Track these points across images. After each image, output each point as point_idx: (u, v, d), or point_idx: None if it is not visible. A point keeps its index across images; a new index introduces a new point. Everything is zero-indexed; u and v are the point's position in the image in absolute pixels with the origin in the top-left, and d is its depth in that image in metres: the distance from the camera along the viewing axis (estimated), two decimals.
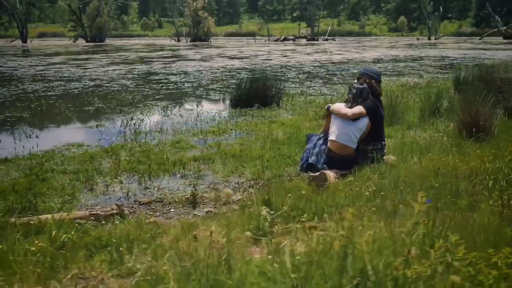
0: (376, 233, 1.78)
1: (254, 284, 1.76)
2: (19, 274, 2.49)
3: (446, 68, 19.51)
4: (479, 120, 5.29)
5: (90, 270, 2.60)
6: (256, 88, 9.98)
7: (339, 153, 4.44)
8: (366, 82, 4.70)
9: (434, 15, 69.88)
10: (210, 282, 1.79)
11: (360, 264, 1.57)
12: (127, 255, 2.76)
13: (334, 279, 1.57)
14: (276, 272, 1.75)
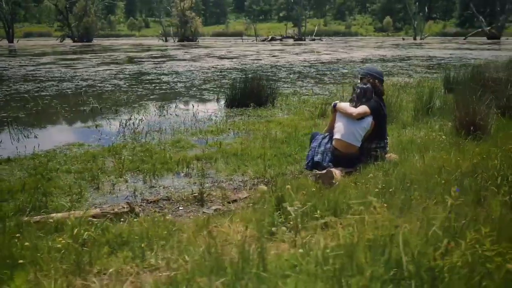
0: (406, 226, 1.88)
1: (287, 276, 1.86)
2: (46, 270, 2.57)
3: (434, 68, 19.79)
4: (476, 119, 5.45)
5: (115, 266, 2.67)
6: (251, 88, 10.09)
7: (344, 152, 4.57)
8: (370, 82, 4.83)
9: (419, 15, 70.62)
10: (246, 275, 1.88)
11: (396, 255, 1.68)
12: (148, 251, 2.85)
13: (369, 270, 1.67)
14: (308, 265, 1.85)
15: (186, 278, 1.98)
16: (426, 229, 1.90)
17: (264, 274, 1.83)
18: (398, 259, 1.68)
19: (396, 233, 1.78)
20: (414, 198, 2.98)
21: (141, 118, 8.73)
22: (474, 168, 3.69)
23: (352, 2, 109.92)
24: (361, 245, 1.82)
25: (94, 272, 2.60)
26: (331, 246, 1.96)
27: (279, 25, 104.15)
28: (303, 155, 5.94)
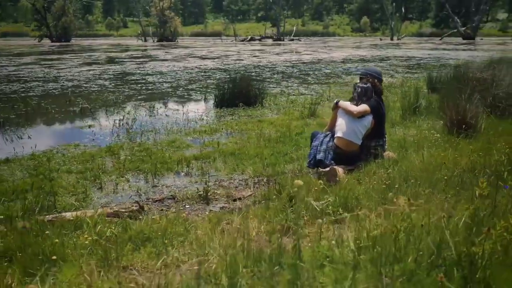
0: (433, 217, 2.04)
1: (323, 266, 1.99)
2: (77, 265, 2.66)
3: (414, 68, 20.20)
4: (467, 118, 5.68)
5: (140, 262, 2.78)
6: (240, 88, 10.22)
7: (345, 150, 4.73)
8: (369, 82, 5.00)
9: (396, 16, 71.60)
10: (283, 266, 2.01)
11: (428, 243, 1.83)
12: (169, 247, 2.96)
13: (411, 256, 1.82)
14: (343, 255, 1.99)
15: (224, 270, 2.10)
16: (457, 218, 2.05)
17: (301, 264, 1.96)
18: (432, 247, 1.83)
19: (426, 223, 1.93)
20: (421, 193, 3.15)
21: (133, 118, 8.78)
22: (472, 165, 3.89)
23: (329, 2, 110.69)
24: (392, 236, 1.96)
25: (121, 267, 2.70)
26: (362, 237, 2.10)
27: (257, 25, 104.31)
28: (300, 154, 6.12)
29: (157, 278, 2.34)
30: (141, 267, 2.75)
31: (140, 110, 9.91)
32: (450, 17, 65.77)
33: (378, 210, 2.51)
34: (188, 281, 2.03)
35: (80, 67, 20.84)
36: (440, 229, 1.99)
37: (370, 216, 2.41)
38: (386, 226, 2.08)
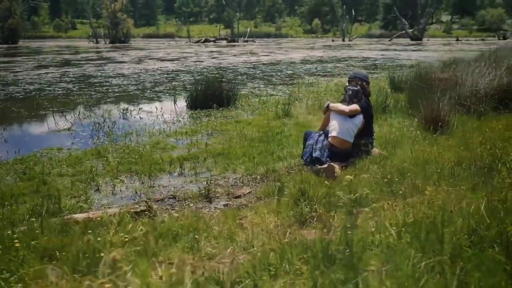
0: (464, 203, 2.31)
1: (370, 250, 2.22)
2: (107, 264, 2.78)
3: (372, 68, 20.89)
4: (441, 115, 6.09)
5: (176, 256, 2.93)
6: (213, 89, 10.37)
7: (340, 147, 5.02)
8: (359, 84, 5.31)
9: (346, 18, 73.36)
10: (332, 254, 2.22)
11: (464, 227, 2.09)
12: (202, 241, 3.13)
13: (447, 239, 2.07)
14: (385, 239, 2.23)
15: (279, 258, 2.30)
16: (485, 204, 2.32)
17: (349, 250, 2.18)
18: (469, 229, 2.09)
19: (458, 208, 2.19)
20: (419, 185, 3.44)
21: (110, 121, 8.78)
22: (458, 159, 4.24)
23: (281, 4, 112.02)
24: (427, 220, 2.21)
25: (159, 261, 2.84)
26: (396, 223, 2.34)
27: (210, 27, 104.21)
28: (286, 153, 6.35)
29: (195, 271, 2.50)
30: (178, 261, 2.89)
31: (113, 112, 9.88)
32: (398, 19, 68.05)
33: (407, 199, 2.77)
34: (247, 269, 2.21)
35: (37, 69, 20.34)
36: (467, 213, 2.27)
37: (394, 206, 2.65)
38: (416, 213, 2.33)
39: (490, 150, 4.40)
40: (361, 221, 2.58)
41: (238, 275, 2.24)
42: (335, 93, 11.88)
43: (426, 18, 65.06)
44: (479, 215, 2.20)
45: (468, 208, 2.28)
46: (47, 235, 3.11)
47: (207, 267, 2.69)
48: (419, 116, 6.54)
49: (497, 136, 5.27)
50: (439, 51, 34.52)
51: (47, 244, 2.96)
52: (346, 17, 73.49)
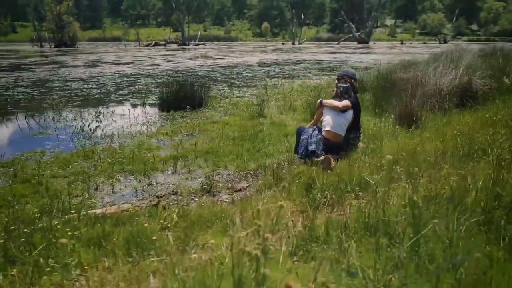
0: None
1: (401, 220, 2.54)
2: (158, 246, 2.98)
3: (327, 70, 21.54)
4: (414, 112, 6.56)
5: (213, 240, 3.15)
6: (185, 91, 10.53)
7: (333, 141, 5.35)
8: (348, 82, 5.67)
9: (295, 21, 74.72)
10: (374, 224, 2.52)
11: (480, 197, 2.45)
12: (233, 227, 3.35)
13: (473, 207, 2.42)
14: (413, 210, 2.55)
15: (324, 230, 2.57)
16: (495, 174, 2.68)
17: (386, 219, 2.49)
18: (494, 195, 2.44)
19: (473, 182, 2.54)
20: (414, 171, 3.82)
21: (85, 124, 8.76)
22: (444, 148, 4.67)
23: (230, 8, 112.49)
24: (449, 193, 2.55)
25: (199, 246, 3.05)
26: (422, 196, 2.67)
27: (158, 30, 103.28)
28: (272, 150, 6.64)
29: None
30: (216, 244, 3.11)
31: (86, 116, 9.83)
32: (346, 23, 69.93)
33: (425, 177, 3.11)
34: (298, 242, 2.47)
35: None
36: (480, 188, 2.63)
37: (408, 186, 2.97)
38: (437, 188, 2.67)
39: (466, 140, 4.86)
40: (384, 199, 2.89)
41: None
42: (301, 94, 12.28)
43: (372, 22, 67.23)
44: (494, 186, 2.57)
45: (483, 182, 2.64)
46: (83, 227, 3.25)
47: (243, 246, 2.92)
48: (394, 112, 6.99)
49: (467, 128, 5.76)
50: (388, 53, 35.93)
51: (89, 234, 3.10)
52: (295, 20, 74.82)
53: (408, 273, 1.82)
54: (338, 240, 2.37)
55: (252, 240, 2.77)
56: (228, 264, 2.11)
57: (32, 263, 2.69)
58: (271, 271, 1.78)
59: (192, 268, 2.14)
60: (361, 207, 2.94)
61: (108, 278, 2.54)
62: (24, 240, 3.02)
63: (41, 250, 2.82)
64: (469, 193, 2.55)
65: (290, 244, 2.51)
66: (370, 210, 2.64)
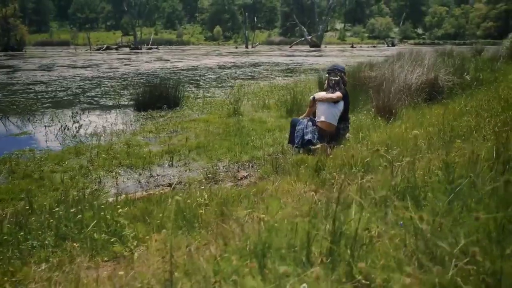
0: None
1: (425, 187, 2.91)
2: (201, 221, 3.25)
3: (288, 71, 22.08)
4: (391, 105, 7.05)
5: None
6: (160, 91, 10.70)
7: (327, 130, 5.74)
8: (338, 75, 6.06)
9: (246, 25, 75.41)
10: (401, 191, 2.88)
11: None
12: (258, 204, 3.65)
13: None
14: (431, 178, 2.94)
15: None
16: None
17: (412, 185, 2.85)
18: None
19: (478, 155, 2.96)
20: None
21: (65, 124, 8.77)
22: (429, 134, 5.14)
23: (181, 11, 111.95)
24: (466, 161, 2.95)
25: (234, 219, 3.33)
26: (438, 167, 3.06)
27: (107, 34, 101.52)
28: (260, 143, 6.97)
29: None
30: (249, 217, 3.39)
31: (62, 117, 9.81)
32: (298, 27, 71.15)
33: (438, 152, 3.52)
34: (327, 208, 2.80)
35: None
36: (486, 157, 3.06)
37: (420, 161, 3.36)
38: (455, 156, 3.07)
39: (448, 127, 5.36)
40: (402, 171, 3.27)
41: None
42: (270, 93, 12.65)
43: (323, 25, 68.80)
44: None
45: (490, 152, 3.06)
46: (123, 207, 3.47)
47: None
48: (373, 106, 7.47)
49: (443, 118, 6.29)
50: (341, 56, 36.98)
51: (133, 212, 3.32)
52: (247, 24, 75.52)
53: (454, 219, 2.17)
54: (380, 198, 2.69)
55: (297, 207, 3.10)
56: (284, 225, 2.38)
57: (88, 238, 2.90)
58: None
59: (255, 230, 2.41)
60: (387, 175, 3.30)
61: (165, 247, 2.78)
62: (72, 220, 3.21)
63: (93, 227, 3.03)
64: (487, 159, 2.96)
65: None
66: (401, 176, 2.97)
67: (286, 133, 7.50)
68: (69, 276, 2.43)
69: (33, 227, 3.18)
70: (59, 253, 2.87)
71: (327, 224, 2.15)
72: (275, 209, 2.83)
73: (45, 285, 2.38)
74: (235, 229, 2.27)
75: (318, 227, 2.12)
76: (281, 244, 1.98)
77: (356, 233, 1.86)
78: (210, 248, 2.24)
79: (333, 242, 1.92)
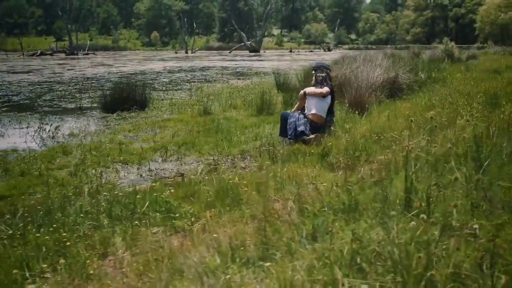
0: None
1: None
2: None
3: (238, 74, 22.51)
4: (363, 100, 7.60)
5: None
6: (128, 93, 10.76)
7: (318, 122, 6.16)
8: (324, 72, 6.49)
9: (184, 30, 75.17)
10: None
11: None
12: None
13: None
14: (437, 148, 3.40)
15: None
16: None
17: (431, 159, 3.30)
18: None
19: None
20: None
21: (39, 125, 8.66)
22: (408, 121, 5.67)
23: (116, 16, 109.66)
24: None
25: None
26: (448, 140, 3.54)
27: (39, 39, 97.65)
28: (244, 138, 7.27)
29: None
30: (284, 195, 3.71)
31: (30, 119, 9.69)
32: (236, 33, 71.81)
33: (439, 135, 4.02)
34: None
35: None
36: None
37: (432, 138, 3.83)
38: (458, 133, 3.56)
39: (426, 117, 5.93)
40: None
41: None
42: (232, 94, 12.97)
43: (262, 31, 69.89)
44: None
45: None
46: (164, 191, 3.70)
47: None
48: (346, 101, 7.99)
49: (414, 111, 6.89)
50: (284, 60, 37.89)
51: (178, 193, 3.58)
52: (185, 29, 75.25)
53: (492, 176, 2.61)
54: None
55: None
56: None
57: (146, 216, 3.13)
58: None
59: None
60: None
61: (221, 221, 3.07)
62: (122, 202, 3.41)
63: (147, 207, 3.25)
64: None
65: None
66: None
67: (264, 129, 7.91)
68: (147, 246, 2.67)
69: (85, 211, 3.35)
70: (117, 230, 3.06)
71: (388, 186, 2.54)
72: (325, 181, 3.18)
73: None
74: (311, 192, 2.59)
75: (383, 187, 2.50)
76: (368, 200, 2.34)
77: (429, 187, 2.25)
78: (291, 214, 2.55)
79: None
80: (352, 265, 1.80)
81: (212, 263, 2.08)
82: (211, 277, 1.88)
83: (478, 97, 6.97)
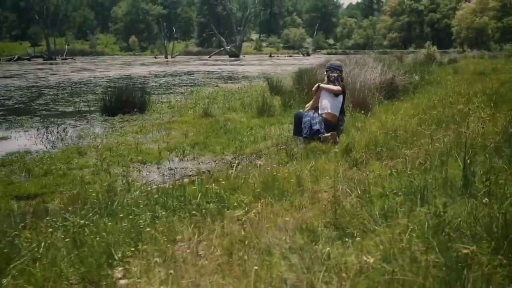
0: None
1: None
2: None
3: (226, 78, 22.72)
4: (366, 101, 7.89)
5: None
6: (127, 96, 10.86)
7: (332, 121, 6.40)
8: (336, 72, 6.74)
9: (163, 35, 75.06)
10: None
11: None
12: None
13: None
14: None
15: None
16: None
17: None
18: None
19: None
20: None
21: (46, 128, 8.72)
22: (417, 121, 5.97)
23: (93, 21, 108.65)
24: None
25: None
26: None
27: (13, 45, 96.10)
28: (251, 139, 7.46)
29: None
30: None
31: (32, 122, 9.72)
32: (216, 37, 72.00)
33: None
34: None
35: None
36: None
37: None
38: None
39: (430, 116, 6.24)
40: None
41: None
42: (227, 97, 13.14)
43: (242, 36, 70.22)
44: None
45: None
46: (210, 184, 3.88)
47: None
48: (350, 102, 8.27)
49: (417, 111, 7.20)
50: (266, 65, 38.22)
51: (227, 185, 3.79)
52: (163, 34, 75.11)
53: None
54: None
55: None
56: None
57: (200, 207, 3.32)
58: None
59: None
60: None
61: (273, 209, 3.28)
62: (173, 195, 3.60)
63: (200, 199, 3.44)
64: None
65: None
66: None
67: (270, 129, 8.14)
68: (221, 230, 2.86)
69: (140, 203, 3.52)
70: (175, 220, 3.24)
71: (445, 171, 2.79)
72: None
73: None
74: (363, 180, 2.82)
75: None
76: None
77: (488, 170, 2.50)
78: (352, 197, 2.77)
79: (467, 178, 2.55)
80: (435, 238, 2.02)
81: (298, 242, 2.28)
82: (309, 251, 2.08)
83: (478, 96, 7.33)
